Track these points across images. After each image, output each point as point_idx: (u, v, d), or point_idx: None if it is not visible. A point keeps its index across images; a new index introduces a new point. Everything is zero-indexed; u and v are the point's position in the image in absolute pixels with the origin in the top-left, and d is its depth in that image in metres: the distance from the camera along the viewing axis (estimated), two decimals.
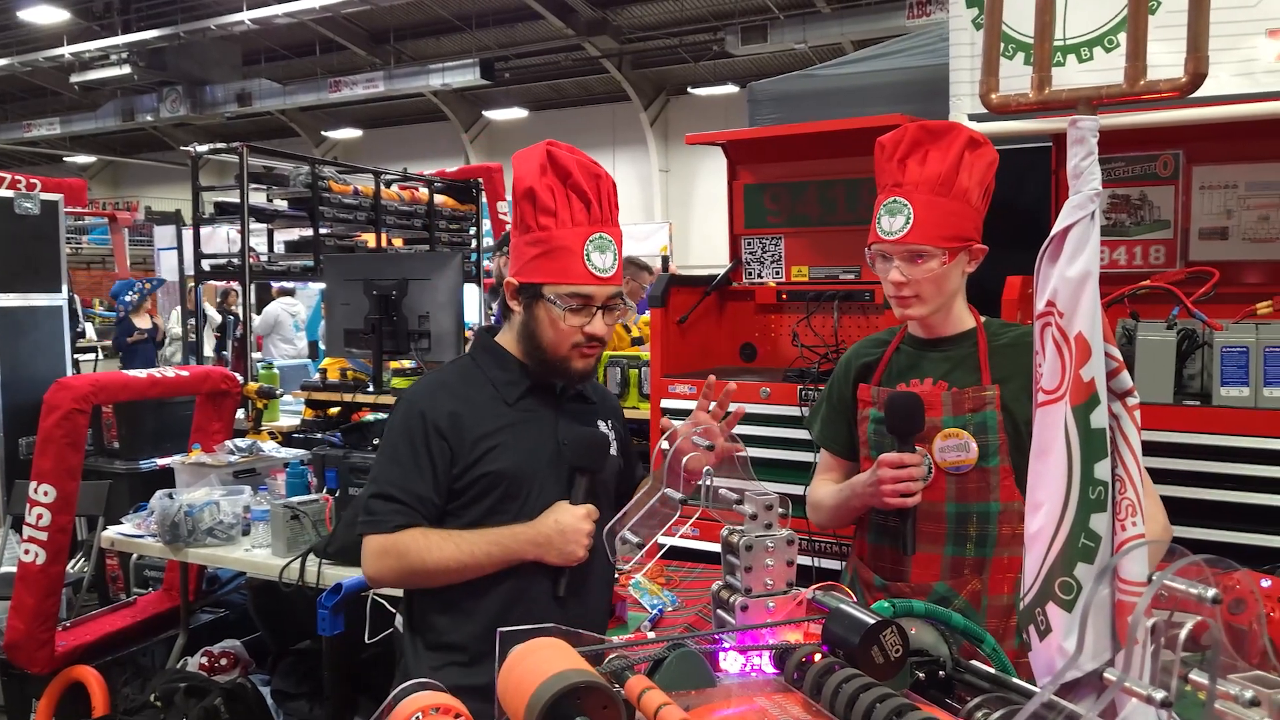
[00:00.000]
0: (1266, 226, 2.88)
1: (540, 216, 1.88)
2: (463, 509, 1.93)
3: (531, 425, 1.98)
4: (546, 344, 1.94)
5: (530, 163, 1.89)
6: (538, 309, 1.92)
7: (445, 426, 1.91)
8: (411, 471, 1.90)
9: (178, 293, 10.74)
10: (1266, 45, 2.48)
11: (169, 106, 20.19)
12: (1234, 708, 0.73)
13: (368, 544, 1.92)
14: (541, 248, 1.88)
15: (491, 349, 2.04)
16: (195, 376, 4.18)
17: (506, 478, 1.92)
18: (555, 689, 0.95)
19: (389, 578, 1.95)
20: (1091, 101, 1.46)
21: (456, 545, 1.88)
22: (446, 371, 2.09)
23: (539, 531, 1.89)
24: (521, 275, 1.93)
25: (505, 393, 1.98)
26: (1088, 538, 1.50)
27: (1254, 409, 2.41)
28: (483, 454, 1.91)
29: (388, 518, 1.89)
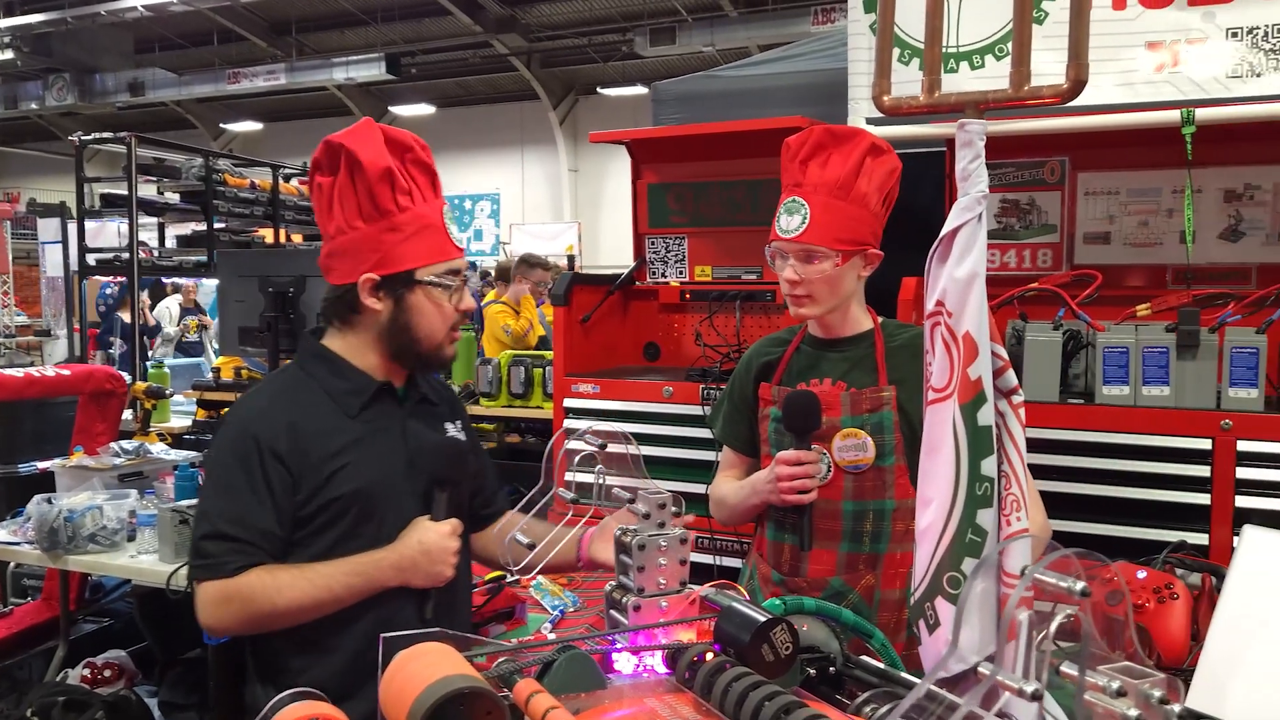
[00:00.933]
0: (1146, 232, 3.00)
1: (399, 197, 1.72)
2: (311, 538, 1.74)
3: (379, 438, 1.80)
4: (424, 334, 1.79)
5: (373, 142, 1.72)
6: (413, 298, 1.77)
7: (284, 450, 1.71)
8: (248, 503, 1.69)
9: (63, 289, 10.27)
10: (1146, 57, 2.59)
11: (55, 94, 19.33)
12: (1102, 698, 0.75)
13: (204, 591, 1.69)
14: (405, 231, 1.73)
15: (325, 356, 1.83)
16: (77, 376, 4.00)
17: (359, 500, 1.74)
18: (437, 695, 0.93)
19: (234, 626, 1.72)
20: (979, 105, 1.49)
21: (310, 581, 1.68)
22: (275, 385, 1.87)
23: (402, 555, 1.73)
24: (385, 266, 1.74)
25: (346, 405, 1.79)
26: (975, 533, 1.53)
27: (1133, 407, 2.50)
28: (330, 476, 1.73)
29: (225, 559, 1.67)
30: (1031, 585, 0.76)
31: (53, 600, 3.94)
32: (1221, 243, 2.92)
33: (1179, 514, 2.45)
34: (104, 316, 10.52)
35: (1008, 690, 0.72)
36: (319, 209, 1.79)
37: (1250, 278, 2.89)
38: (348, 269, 1.76)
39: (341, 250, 1.76)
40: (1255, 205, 2.88)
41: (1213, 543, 2.40)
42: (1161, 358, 2.48)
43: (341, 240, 1.75)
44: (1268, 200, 2.87)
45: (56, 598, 3.90)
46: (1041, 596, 0.84)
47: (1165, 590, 1.79)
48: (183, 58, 20.14)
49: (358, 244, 1.74)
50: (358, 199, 1.71)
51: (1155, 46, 2.58)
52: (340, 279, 1.78)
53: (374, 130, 1.73)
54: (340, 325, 1.83)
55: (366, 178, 1.69)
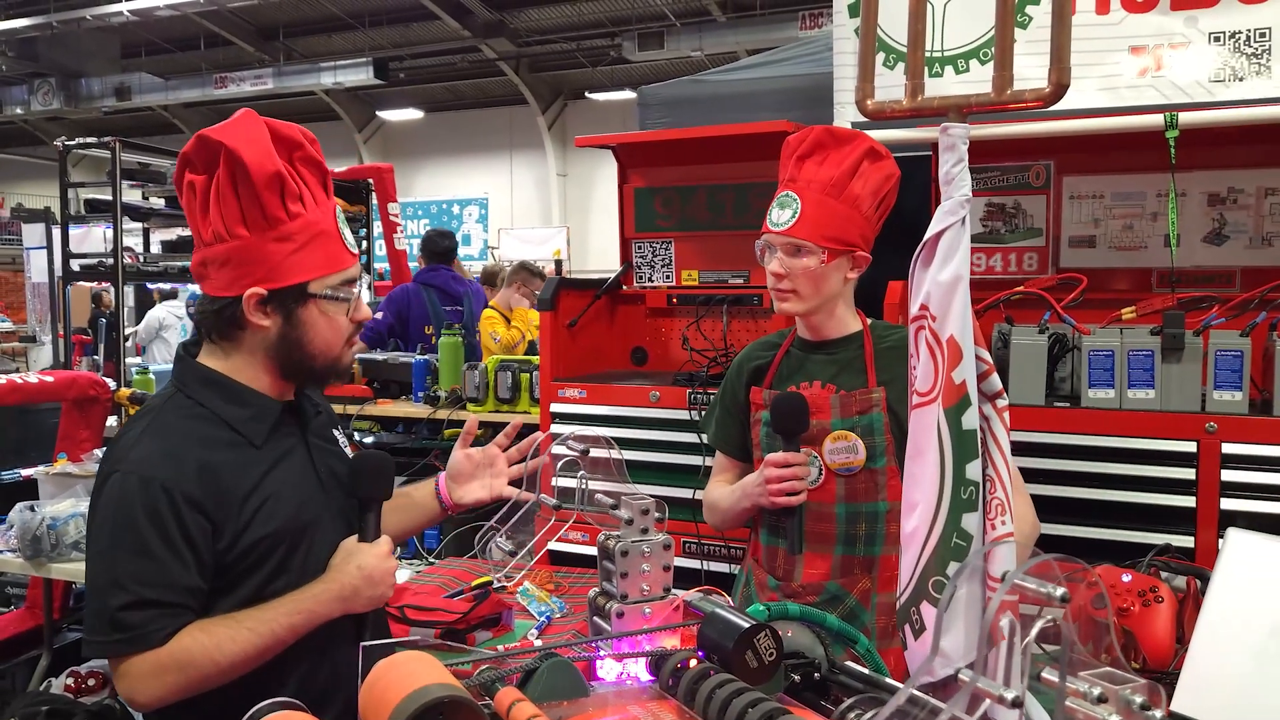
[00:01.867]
0: (1130, 235, 3.01)
1: (290, 203, 1.55)
2: (236, 583, 1.58)
3: (289, 463, 1.66)
4: (319, 350, 1.64)
5: (258, 141, 1.54)
6: (304, 312, 1.61)
7: (199, 495, 1.53)
8: (169, 561, 1.50)
9: (47, 295, 10.20)
10: (1129, 61, 2.60)
11: (41, 99, 19.26)
12: (1084, 704, 0.75)
13: (132, 666, 1.49)
14: (298, 240, 1.56)
15: (214, 380, 1.64)
16: (61, 382, 3.97)
17: (285, 535, 1.60)
18: (416, 705, 0.92)
19: (174, 695, 1.51)
20: (962, 109, 1.49)
21: (252, 629, 1.53)
22: (166, 420, 1.61)
23: (344, 584, 1.59)
24: (275, 279, 1.57)
25: (250, 433, 1.62)
26: (960, 537, 1.53)
27: (1119, 410, 2.51)
28: (251, 517, 1.57)
29: (154, 627, 1.49)
30: (1014, 590, 0.75)
31: (36, 609, 3.91)
32: (1206, 246, 2.93)
33: (1164, 517, 2.45)
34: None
35: (988, 697, 0.72)
36: (190, 210, 1.60)
37: (1234, 281, 2.90)
38: (227, 280, 1.59)
39: (220, 259, 1.58)
40: (1238, 209, 2.90)
41: (1198, 545, 2.40)
42: (1147, 361, 2.49)
43: (220, 248, 1.57)
44: (1251, 204, 2.89)
45: (40, 606, 3.87)
46: (1024, 600, 0.84)
47: (1150, 593, 1.79)
48: (169, 62, 20.08)
49: (239, 254, 1.56)
50: (240, 205, 1.54)
51: (1138, 51, 2.59)
52: (219, 290, 1.60)
53: (258, 125, 1.56)
54: (222, 342, 1.65)
55: (252, 183, 1.52)
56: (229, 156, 1.51)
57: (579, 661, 1.20)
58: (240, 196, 1.53)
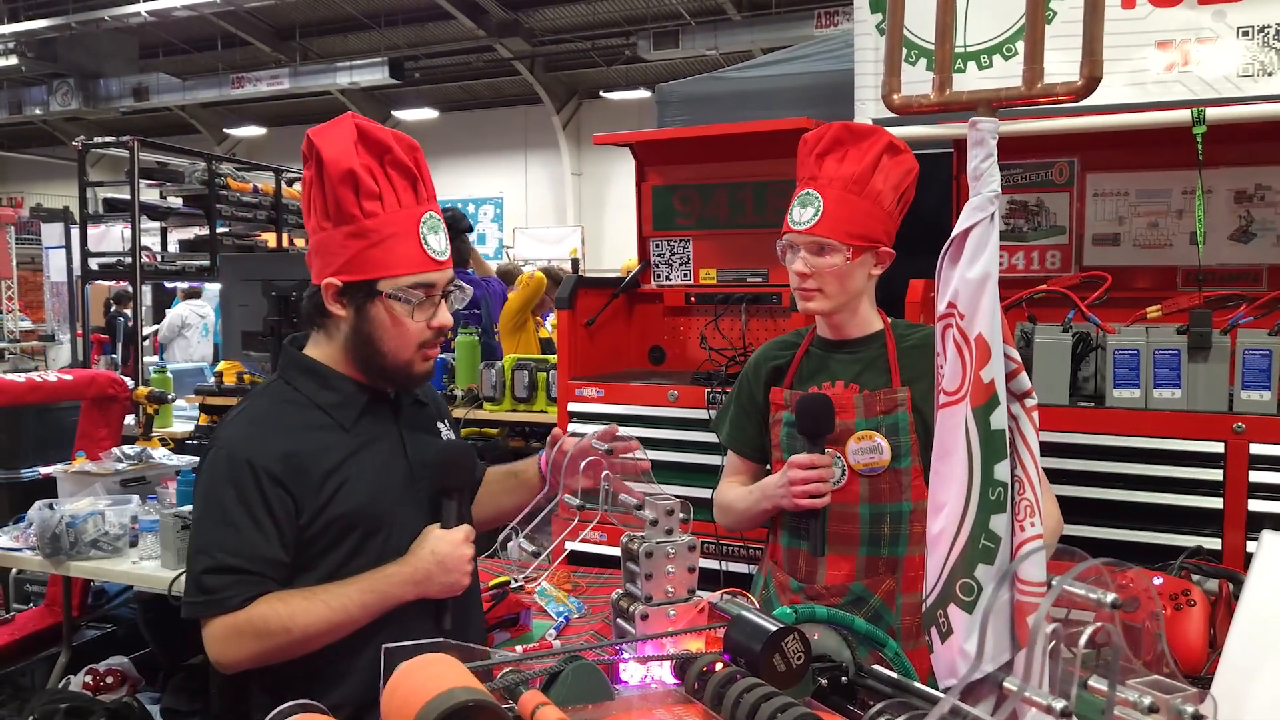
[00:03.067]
0: (1155, 233, 2.97)
1: (365, 202, 1.61)
2: (316, 560, 1.67)
3: (377, 449, 1.73)
4: (388, 349, 1.69)
5: (340, 140, 1.61)
6: (374, 309, 1.67)
7: (281, 472, 1.62)
8: (250, 532, 1.61)
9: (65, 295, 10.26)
10: (1156, 57, 2.56)
11: (60, 100, 19.37)
12: (1133, 714, 0.72)
13: (213, 628, 1.60)
14: (370, 238, 1.62)
15: (309, 367, 1.74)
16: (79, 381, 3.98)
17: (364, 516, 1.68)
18: (440, 709, 0.90)
19: (249, 660, 1.62)
20: (991, 103, 1.47)
21: (325, 604, 1.61)
22: (262, 403, 1.75)
23: (416, 567, 1.66)
24: (347, 273, 1.64)
25: (340, 417, 1.71)
26: (988, 539, 1.50)
27: (1144, 410, 2.47)
28: (332, 495, 1.66)
29: (232, 592, 1.59)
30: (1060, 595, 0.73)
31: (55, 606, 3.92)
32: (1232, 244, 2.89)
33: (1191, 518, 2.42)
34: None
35: (1035, 707, 0.70)
36: (303, 205, 1.72)
37: (1262, 279, 2.86)
38: (316, 270, 1.69)
39: (314, 249, 1.69)
40: (1266, 206, 2.85)
41: (1225, 547, 2.37)
42: (1173, 360, 2.45)
43: (314, 239, 1.68)
44: (1279, 201, 2.84)
45: (59, 604, 3.88)
46: (1060, 603, 0.82)
47: (1182, 597, 1.76)
48: (187, 62, 20.18)
49: (324, 245, 1.66)
50: (325, 199, 1.63)
51: (1165, 46, 2.55)
52: (314, 279, 1.71)
53: (346, 127, 1.63)
54: (318, 331, 1.75)
55: (330, 178, 1.61)
56: (316, 154, 1.61)
57: (603, 664, 1.18)
58: (325, 191, 1.62)
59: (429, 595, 1.67)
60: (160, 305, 10.79)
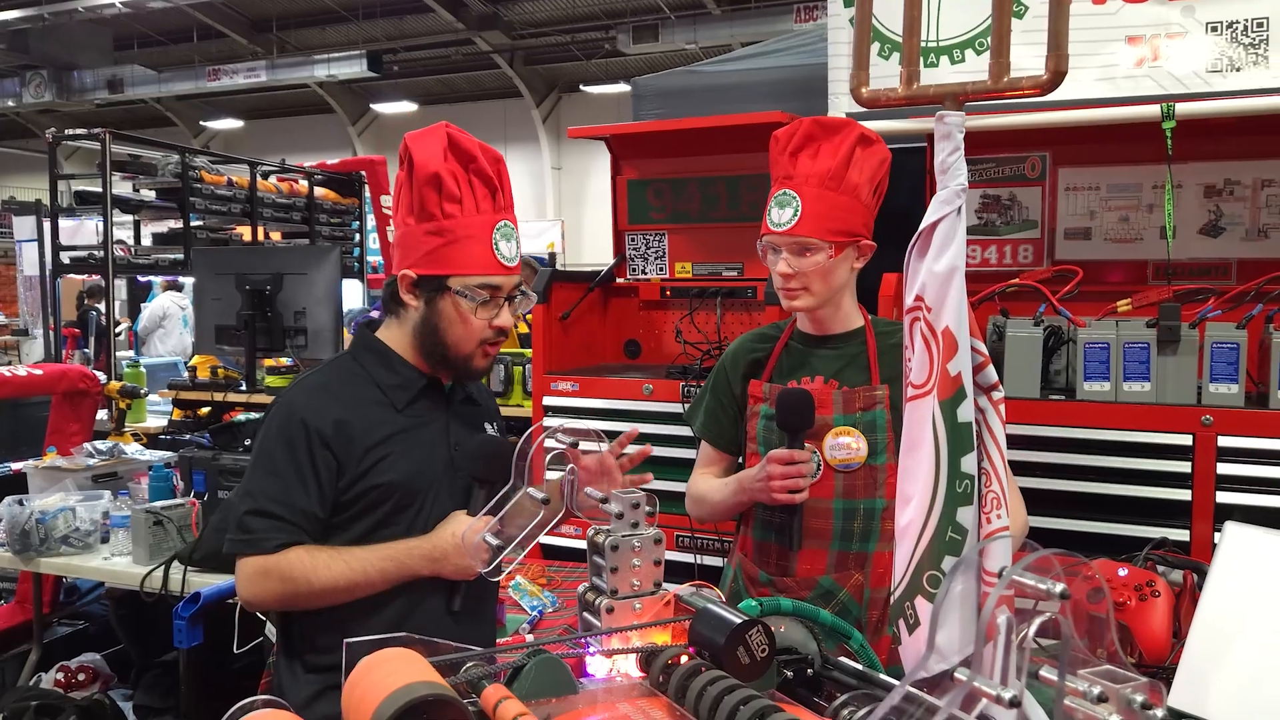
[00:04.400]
0: (1126, 227, 3.00)
1: (445, 204, 1.75)
2: (350, 523, 1.79)
3: (423, 432, 1.85)
4: (451, 341, 1.82)
5: (431, 146, 1.75)
6: (442, 303, 1.80)
7: (330, 435, 1.76)
8: (293, 485, 1.74)
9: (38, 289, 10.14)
10: (1126, 52, 2.58)
11: (33, 91, 19.14)
12: (1083, 704, 0.73)
13: (245, 565, 1.75)
14: (447, 237, 1.76)
15: (376, 349, 1.89)
16: (50, 375, 3.94)
17: (398, 489, 1.79)
18: (398, 704, 0.90)
19: (271, 601, 1.78)
20: (958, 97, 1.47)
21: (346, 563, 1.74)
22: (327, 373, 1.90)
23: (435, 545, 1.77)
24: (422, 267, 1.78)
25: (394, 397, 1.84)
26: (955, 531, 1.51)
27: (1114, 403, 2.49)
28: (373, 465, 1.78)
29: (268, 535, 1.73)
30: (1011, 585, 0.73)
31: (26, 603, 3.89)
32: (1202, 238, 2.91)
33: (1160, 510, 2.44)
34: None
35: (985, 696, 0.70)
36: (393, 200, 1.87)
37: (1230, 273, 2.88)
38: (397, 260, 1.83)
39: (397, 242, 1.84)
40: (1235, 200, 2.88)
41: (1194, 539, 2.39)
42: (1142, 353, 2.47)
43: (398, 233, 1.83)
44: (1247, 195, 2.87)
45: (29, 600, 3.85)
46: (1023, 596, 0.82)
47: (1147, 588, 1.77)
48: (162, 54, 19.98)
49: (405, 239, 1.80)
50: (411, 197, 1.77)
51: (1135, 41, 2.57)
52: (393, 269, 1.85)
53: (439, 134, 1.77)
54: (392, 317, 1.89)
55: (418, 178, 1.74)
56: (408, 155, 1.75)
57: (568, 658, 1.18)
58: (412, 190, 1.76)
59: (443, 574, 1.78)
60: (135, 299, 10.68)
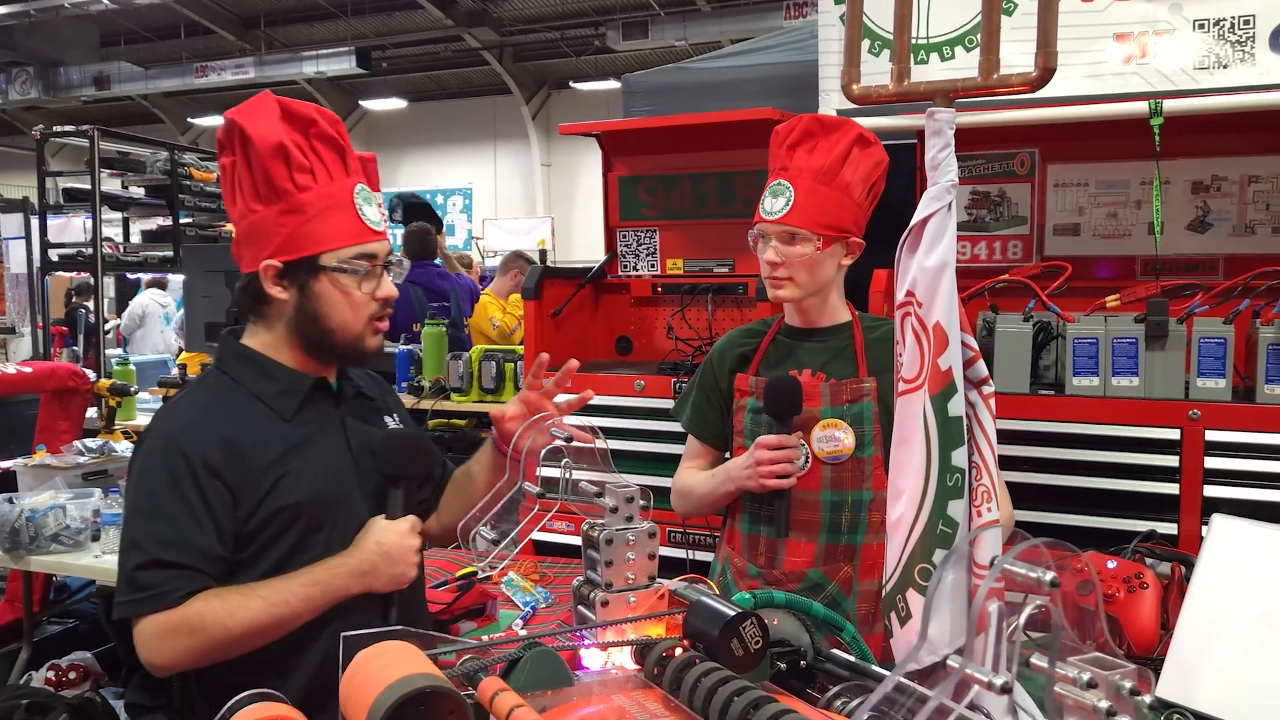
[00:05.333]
0: (1114, 223, 3.02)
1: (297, 175, 1.56)
2: (257, 556, 1.60)
3: (319, 440, 1.67)
4: (337, 324, 1.64)
5: (265, 116, 1.56)
6: (318, 286, 1.61)
7: (218, 463, 1.56)
8: (185, 524, 1.53)
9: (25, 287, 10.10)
10: (1114, 49, 2.59)
11: (19, 88, 19.03)
12: (1073, 690, 0.74)
13: (146, 626, 1.52)
14: (306, 213, 1.57)
15: (248, 356, 1.68)
16: (39, 373, 3.93)
17: (307, 509, 1.61)
18: (397, 695, 0.90)
19: (184, 660, 1.54)
20: (948, 94, 1.48)
21: (265, 599, 1.54)
22: (197, 394, 1.69)
23: (361, 559, 1.60)
24: (286, 252, 1.58)
25: (280, 407, 1.65)
26: (946, 524, 1.52)
27: (1103, 397, 2.51)
28: (272, 487, 1.59)
29: (169, 587, 1.51)
30: (1001, 576, 0.75)
31: (16, 601, 3.87)
32: (1189, 234, 2.93)
33: (1148, 504, 2.46)
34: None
35: (977, 683, 0.71)
36: (224, 193, 1.66)
37: (1218, 269, 2.90)
38: (250, 256, 1.62)
39: (244, 236, 1.62)
40: (1222, 196, 2.90)
41: (1182, 532, 2.41)
42: (1130, 348, 2.49)
43: (244, 225, 1.62)
44: (1234, 192, 2.89)
45: (19, 599, 3.83)
46: (1013, 587, 0.83)
47: (1135, 580, 1.79)
48: (149, 51, 19.88)
49: (258, 228, 1.60)
50: (253, 179, 1.58)
51: (1123, 38, 2.58)
52: (246, 267, 1.64)
53: (269, 104, 1.58)
54: (255, 320, 1.69)
55: (259, 155, 1.55)
56: (240, 134, 1.56)
57: (564, 651, 1.19)
58: (252, 171, 1.57)
59: (375, 588, 1.62)
60: (124, 297, 10.64)
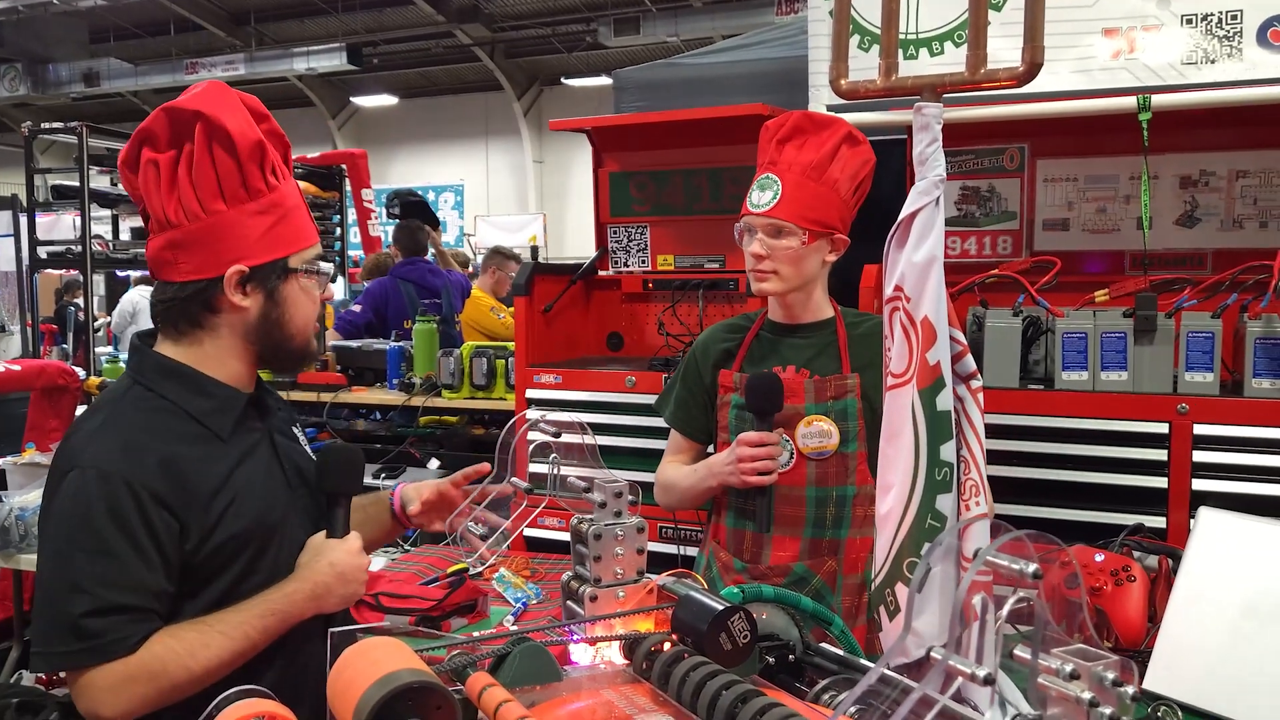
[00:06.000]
0: (1103, 218, 3.02)
1: (269, 175, 1.49)
2: (202, 587, 1.49)
3: (255, 459, 1.58)
4: (297, 329, 1.57)
5: (238, 111, 1.47)
6: (286, 289, 1.54)
7: (164, 492, 1.43)
8: (133, 563, 1.40)
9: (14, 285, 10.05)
10: (1103, 44, 2.60)
11: (7, 85, 18.91)
12: (1056, 681, 0.74)
13: (96, 678, 1.38)
14: (276, 213, 1.50)
15: (175, 371, 1.54)
16: (29, 371, 3.92)
17: (254, 535, 1.52)
18: (384, 691, 0.90)
19: (140, 708, 1.41)
20: (936, 88, 1.49)
21: (223, 634, 1.44)
22: (124, 413, 1.52)
23: (316, 582, 1.52)
24: (258, 254, 1.50)
25: (215, 425, 1.53)
26: (934, 519, 1.53)
27: (1092, 392, 2.52)
28: (220, 515, 1.49)
29: (122, 633, 1.39)
30: (986, 569, 0.75)
31: (5, 600, 3.86)
32: (1178, 229, 2.94)
33: (1137, 497, 2.47)
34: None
35: (960, 675, 0.72)
36: (148, 191, 1.50)
37: (1206, 263, 2.91)
38: (201, 262, 1.49)
39: (192, 240, 1.48)
40: (1210, 191, 2.91)
41: (1170, 525, 2.42)
42: (1119, 343, 2.50)
43: (192, 228, 1.48)
44: (1222, 186, 2.90)
45: (9, 597, 3.82)
46: (999, 580, 0.84)
47: (1122, 573, 1.80)
48: (139, 48, 19.78)
49: (215, 230, 1.47)
50: (219, 177, 1.46)
51: (1112, 33, 2.59)
52: (191, 274, 1.50)
53: (231, 95, 1.48)
54: (190, 330, 1.55)
55: (237, 153, 1.45)
56: (209, 126, 1.44)
57: (553, 646, 1.19)
58: (218, 168, 1.46)
59: (326, 610, 1.55)
60: (115, 294, 10.60)
